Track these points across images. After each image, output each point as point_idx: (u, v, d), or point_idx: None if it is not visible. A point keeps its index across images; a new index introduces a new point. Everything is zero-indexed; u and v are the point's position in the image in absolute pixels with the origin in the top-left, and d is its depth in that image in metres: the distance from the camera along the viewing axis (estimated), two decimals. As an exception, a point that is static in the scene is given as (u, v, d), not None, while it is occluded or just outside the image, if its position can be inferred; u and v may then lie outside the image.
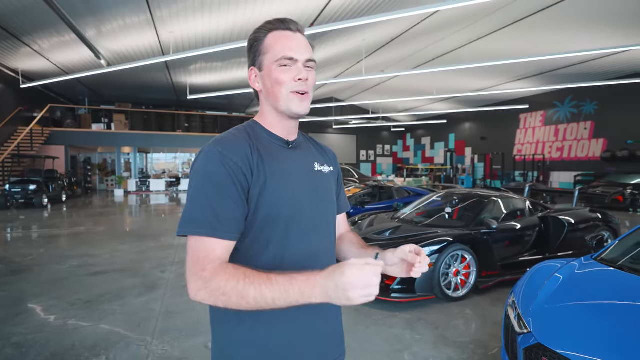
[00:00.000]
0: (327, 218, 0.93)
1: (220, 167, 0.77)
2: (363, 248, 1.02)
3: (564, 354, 1.58)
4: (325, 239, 0.92)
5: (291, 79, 0.83)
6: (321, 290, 0.67)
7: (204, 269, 0.72)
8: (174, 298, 3.57)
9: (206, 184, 0.77)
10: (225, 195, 0.77)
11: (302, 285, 0.67)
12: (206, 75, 13.82)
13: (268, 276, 0.69)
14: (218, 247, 0.75)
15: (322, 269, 0.69)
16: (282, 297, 0.68)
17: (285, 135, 0.91)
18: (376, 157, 24.20)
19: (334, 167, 1.02)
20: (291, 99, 0.84)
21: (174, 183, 17.84)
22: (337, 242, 1.07)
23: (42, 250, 5.56)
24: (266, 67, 0.85)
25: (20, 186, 10.75)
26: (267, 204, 0.81)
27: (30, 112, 14.73)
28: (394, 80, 15.17)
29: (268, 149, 0.86)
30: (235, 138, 0.84)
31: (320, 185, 0.93)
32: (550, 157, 15.10)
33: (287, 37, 0.84)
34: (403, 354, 2.53)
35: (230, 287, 0.69)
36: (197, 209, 0.76)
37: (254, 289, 0.68)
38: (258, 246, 0.82)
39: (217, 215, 0.76)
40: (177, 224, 0.79)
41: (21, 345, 2.63)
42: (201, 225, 0.75)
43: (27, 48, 10.27)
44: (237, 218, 0.78)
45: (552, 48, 10.23)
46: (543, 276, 2.20)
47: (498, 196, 4.42)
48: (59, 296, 3.61)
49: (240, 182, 0.78)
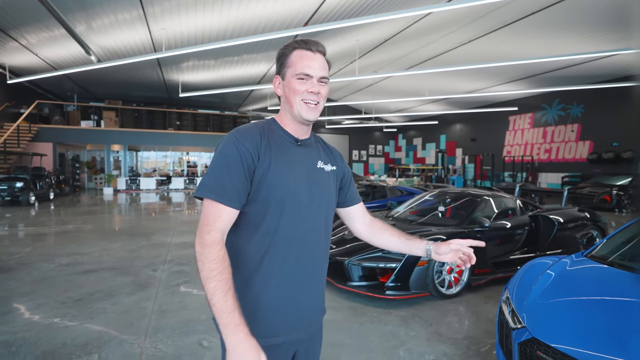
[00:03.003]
0: (322, 208, 1.09)
1: (234, 149, 0.97)
2: (408, 240, 1.22)
3: (558, 347, 1.61)
4: (317, 224, 1.07)
5: (305, 90, 1.02)
6: (230, 344, 0.82)
7: (209, 232, 0.91)
8: (167, 296, 3.53)
9: (222, 161, 0.97)
10: (233, 172, 0.95)
11: (230, 323, 0.83)
12: (198, 73, 13.69)
13: (228, 291, 0.85)
14: (224, 213, 0.94)
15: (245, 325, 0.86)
16: (217, 310, 0.84)
17: (296, 134, 1.09)
18: (368, 157, 24.32)
19: (338, 167, 1.18)
20: (302, 107, 1.03)
21: (165, 182, 17.64)
22: (369, 232, 1.26)
23: (30, 248, 5.44)
24: (287, 78, 1.04)
25: (7, 183, 10.50)
26: (267, 185, 0.98)
27: (17, 108, 14.40)
28: (387, 81, 15.27)
29: (278, 142, 1.04)
30: (250, 129, 1.03)
31: (319, 180, 1.09)
32: (539, 158, 15.38)
33: (307, 57, 1.03)
34: (398, 351, 2.55)
35: (208, 266, 0.87)
36: (211, 179, 0.96)
37: (215, 284, 0.85)
38: (256, 219, 0.99)
39: (224, 185, 0.94)
40: (169, 223, 0.94)
41: (10, 344, 2.57)
42: (211, 190, 0.94)
43: (14, 42, 10.02)
44: (240, 191, 0.96)
45: (540, 51, 10.44)
46: (536, 273, 2.25)
47: (490, 195, 4.49)
48: (49, 295, 3.54)
49: (247, 163, 0.97)
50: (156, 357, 2.43)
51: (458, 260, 1.12)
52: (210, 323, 2.94)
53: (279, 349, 1.01)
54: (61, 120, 15.59)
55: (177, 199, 13.61)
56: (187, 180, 17.82)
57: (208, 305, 0.86)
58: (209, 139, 17.35)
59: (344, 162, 1.23)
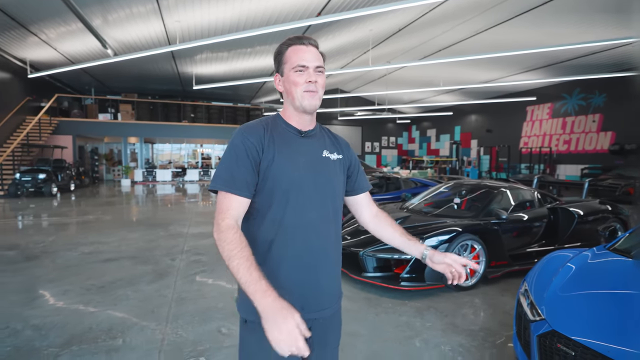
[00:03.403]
0: (328, 196, 1.13)
1: (240, 144, 1.05)
2: (409, 240, 1.26)
3: (580, 340, 1.59)
4: (324, 212, 1.12)
5: (304, 81, 1.07)
6: (261, 307, 0.86)
7: (223, 219, 0.99)
8: (185, 285, 3.63)
9: (231, 155, 1.06)
10: (241, 164, 1.04)
11: (258, 290, 0.88)
12: (212, 65, 13.77)
13: (250, 265, 0.92)
14: (235, 202, 1.02)
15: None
16: (244, 283, 0.90)
17: (300, 126, 1.14)
18: (381, 149, 24.12)
19: (344, 155, 1.22)
20: (304, 97, 1.08)
21: (180, 173, 17.93)
22: (375, 223, 1.30)
23: (53, 237, 5.65)
24: (286, 73, 1.10)
25: (30, 175, 10.87)
26: (272, 176, 1.05)
27: (38, 102, 14.78)
28: (400, 72, 15.04)
29: (282, 135, 1.11)
30: (255, 124, 1.11)
31: (325, 169, 1.14)
32: (557, 149, 14.97)
33: (301, 50, 1.09)
34: (414, 341, 2.56)
35: (227, 247, 0.94)
36: (222, 172, 1.05)
37: (237, 262, 0.92)
38: (263, 208, 1.06)
39: (234, 177, 1.03)
40: (185, 214, 1.00)
41: (40, 328, 2.69)
42: (222, 182, 1.04)
43: (34, 37, 10.27)
44: (248, 182, 1.04)
45: (560, 39, 10.07)
46: (556, 265, 2.21)
47: (507, 187, 4.41)
48: (73, 282, 3.68)
49: (253, 156, 1.04)
50: (177, 342, 2.51)
51: (448, 274, 1.15)
52: (228, 311, 3.01)
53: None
54: (80, 113, 15.96)
55: (192, 191, 13.84)
56: (201, 172, 18.08)
57: (237, 283, 0.93)
58: (222, 130, 17.50)
59: (351, 150, 1.27)
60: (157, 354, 2.36)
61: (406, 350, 2.45)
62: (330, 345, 1.19)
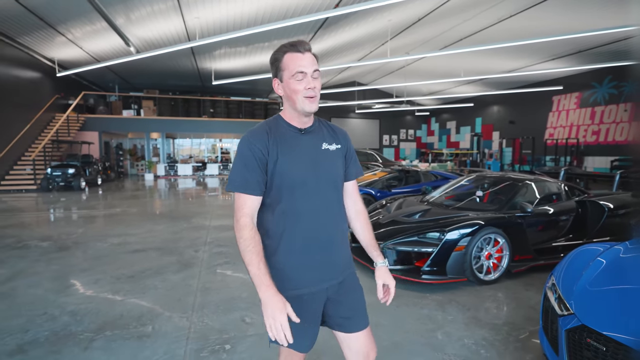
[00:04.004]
0: (330, 184, 1.28)
1: (248, 150, 1.20)
2: (373, 249, 1.41)
3: (611, 335, 1.55)
4: (326, 200, 1.28)
5: (303, 88, 1.19)
6: (262, 298, 1.09)
7: (241, 217, 1.17)
8: (209, 275, 3.73)
9: (240, 160, 1.21)
10: (250, 167, 1.19)
11: (262, 283, 1.09)
12: (230, 60, 13.90)
13: (259, 261, 1.12)
14: (249, 200, 1.19)
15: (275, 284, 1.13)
16: (252, 274, 1.12)
17: (299, 125, 1.27)
18: (399, 142, 23.83)
19: (342, 144, 1.35)
20: (304, 102, 1.20)
21: (200, 168, 18.32)
22: (353, 218, 1.43)
23: (83, 229, 5.91)
24: (285, 80, 1.21)
25: (61, 170, 11.38)
26: (278, 175, 1.20)
27: (66, 100, 15.39)
28: (419, 63, 14.74)
29: (284, 136, 1.23)
30: (258, 131, 1.23)
31: (325, 160, 1.27)
32: (585, 141, 14.36)
33: (298, 58, 1.19)
34: (436, 334, 2.56)
35: (243, 243, 1.14)
36: (236, 175, 1.20)
37: (249, 256, 1.12)
38: (274, 202, 1.23)
39: (245, 179, 1.19)
40: (206, 207, 1.26)
41: (75, 314, 2.85)
42: (237, 185, 1.19)
43: (62, 37, 10.66)
44: (259, 182, 1.20)
45: (590, 24, 9.58)
46: (586, 259, 2.15)
47: (532, 179, 4.29)
48: (104, 271, 3.85)
49: (259, 159, 1.19)
50: (203, 330, 2.60)
51: (380, 290, 1.38)
52: (251, 301, 3.09)
53: (310, 296, 1.26)
54: (105, 110, 16.51)
55: (213, 185, 14.13)
56: (221, 167, 18.41)
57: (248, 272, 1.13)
58: (241, 125, 17.72)
59: (348, 139, 1.40)
60: (185, 340, 2.45)
61: (428, 342, 2.45)
62: (350, 304, 1.35)
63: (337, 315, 1.34)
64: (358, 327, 1.36)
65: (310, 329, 1.28)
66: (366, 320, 1.39)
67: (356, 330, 1.35)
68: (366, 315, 1.39)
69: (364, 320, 1.38)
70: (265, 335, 1.37)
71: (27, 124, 12.45)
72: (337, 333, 1.37)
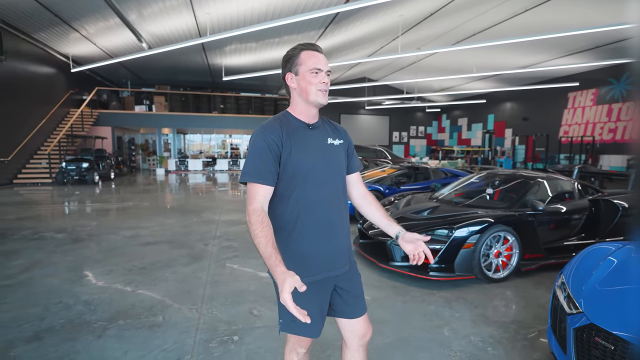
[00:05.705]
0: (336, 175, 1.39)
1: (262, 142, 1.27)
2: (388, 220, 1.48)
3: (619, 334, 1.54)
4: (335, 189, 1.38)
5: (318, 82, 1.30)
6: (275, 275, 1.07)
7: (251, 204, 1.23)
8: (218, 268, 3.79)
9: (255, 152, 1.28)
10: (265, 158, 1.26)
11: (273, 264, 1.09)
12: (241, 56, 13.96)
13: (268, 242, 1.14)
14: (261, 190, 1.25)
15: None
16: (263, 255, 1.13)
17: (307, 120, 1.37)
18: (409, 139, 23.64)
19: (344, 140, 1.47)
20: (318, 94, 1.31)
21: (210, 163, 18.50)
22: (360, 202, 1.53)
23: (97, 222, 6.05)
24: (301, 73, 1.31)
25: (75, 164, 11.63)
26: (291, 165, 1.28)
27: (80, 95, 15.68)
28: (431, 58, 14.56)
29: (295, 130, 1.33)
30: (272, 124, 1.32)
31: (331, 153, 1.38)
32: (601, 138, 14.02)
33: (315, 56, 1.32)
34: (443, 330, 2.56)
35: (254, 227, 1.18)
36: (249, 166, 1.27)
37: (259, 239, 1.15)
38: (287, 191, 1.30)
39: (259, 170, 1.25)
40: (215, 202, 1.09)
41: (89, 303, 2.93)
42: (250, 175, 1.26)
43: (76, 33, 10.85)
44: (272, 172, 1.26)
45: (608, 18, 9.30)
46: (596, 258, 2.12)
47: (544, 177, 4.22)
48: (117, 263, 3.95)
49: (273, 151, 1.27)
50: (212, 321, 2.65)
51: (414, 255, 1.36)
52: (259, 294, 3.13)
53: (322, 283, 1.35)
54: (118, 105, 16.78)
55: (222, 180, 14.27)
56: (230, 162, 18.56)
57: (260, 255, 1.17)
58: (251, 121, 17.81)
59: (348, 135, 1.51)
60: (195, 331, 2.50)
61: (434, 338, 2.45)
62: (354, 291, 1.45)
63: (343, 303, 1.44)
64: (360, 312, 1.46)
65: (321, 315, 1.37)
66: (365, 305, 1.50)
67: (358, 316, 1.46)
68: (365, 300, 1.50)
69: (364, 305, 1.49)
70: (274, 327, 1.42)
71: (43, 118, 12.74)
72: (340, 320, 1.47)
